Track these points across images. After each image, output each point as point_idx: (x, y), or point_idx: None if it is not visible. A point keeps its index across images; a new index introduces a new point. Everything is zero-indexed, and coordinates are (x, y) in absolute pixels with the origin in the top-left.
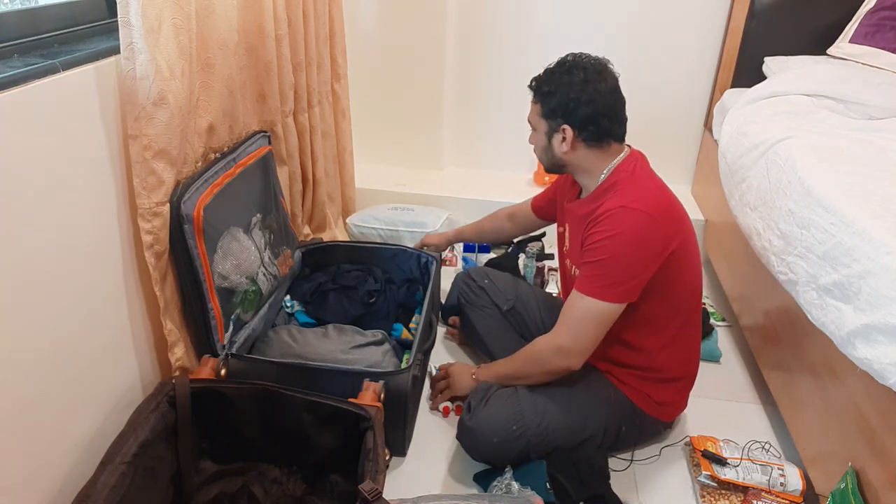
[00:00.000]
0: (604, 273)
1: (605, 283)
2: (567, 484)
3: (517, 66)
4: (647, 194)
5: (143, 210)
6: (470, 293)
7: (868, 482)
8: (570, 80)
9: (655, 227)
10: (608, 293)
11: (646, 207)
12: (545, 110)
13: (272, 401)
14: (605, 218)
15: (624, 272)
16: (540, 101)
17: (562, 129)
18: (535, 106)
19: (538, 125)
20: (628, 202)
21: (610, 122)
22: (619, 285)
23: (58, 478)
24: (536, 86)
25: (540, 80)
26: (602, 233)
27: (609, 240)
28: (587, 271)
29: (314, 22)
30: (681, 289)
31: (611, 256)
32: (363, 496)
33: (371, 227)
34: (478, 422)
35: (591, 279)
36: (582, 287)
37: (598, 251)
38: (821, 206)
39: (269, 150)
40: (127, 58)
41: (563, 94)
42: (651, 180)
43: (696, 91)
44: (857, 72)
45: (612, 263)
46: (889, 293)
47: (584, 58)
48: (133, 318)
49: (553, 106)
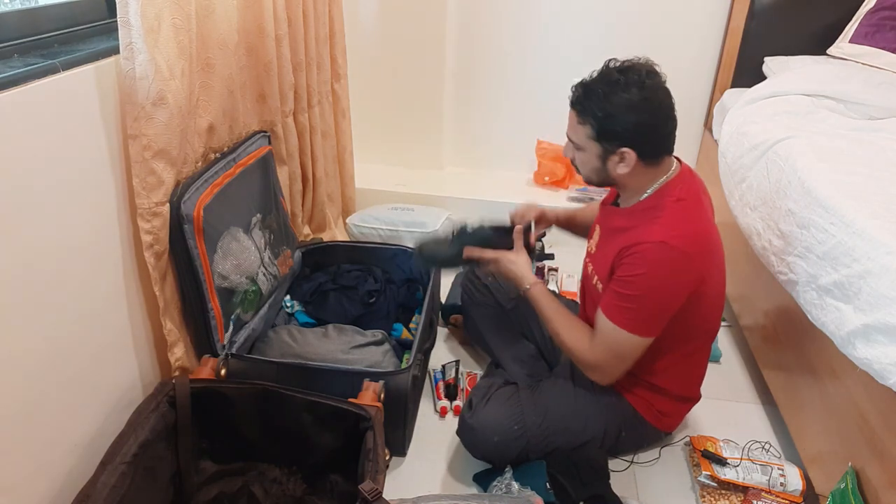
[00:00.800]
0: (638, 307)
1: (640, 318)
2: (567, 484)
3: (517, 66)
4: (688, 229)
5: (142, 210)
6: (474, 291)
7: (868, 482)
8: (628, 100)
9: (692, 266)
10: (642, 328)
11: (686, 246)
12: (599, 133)
13: (272, 401)
14: (644, 252)
15: (658, 309)
16: (592, 123)
17: (620, 152)
18: (581, 126)
19: (587, 146)
20: (669, 238)
21: (669, 136)
22: (648, 321)
23: (58, 478)
24: (585, 106)
25: (590, 99)
26: (639, 266)
27: (642, 277)
28: (618, 301)
29: (314, 22)
30: (700, 318)
31: (643, 294)
32: (363, 496)
33: (371, 227)
34: (479, 420)
35: (626, 311)
36: (614, 316)
37: (635, 286)
38: (821, 206)
39: (269, 150)
40: (126, 58)
41: (623, 117)
42: (696, 210)
43: (696, 91)
44: (857, 72)
45: (648, 301)
46: (889, 293)
47: (633, 67)
48: (133, 317)
49: (610, 129)
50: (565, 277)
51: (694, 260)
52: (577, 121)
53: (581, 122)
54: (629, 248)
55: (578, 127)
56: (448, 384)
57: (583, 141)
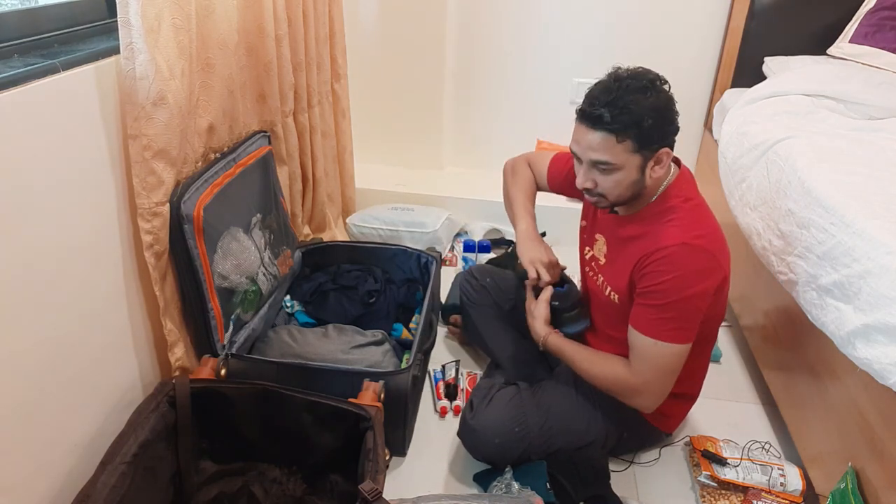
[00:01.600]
0: (673, 315)
1: (676, 326)
2: (567, 484)
3: (517, 66)
4: (707, 227)
5: (142, 210)
6: (472, 292)
7: (868, 482)
8: (655, 101)
9: (717, 263)
10: (681, 335)
11: (707, 245)
12: (640, 143)
13: (272, 401)
14: (667, 257)
15: (693, 312)
16: (633, 136)
17: (657, 155)
18: (620, 145)
19: (627, 163)
20: (689, 238)
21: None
22: (689, 326)
23: (58, 478)
24: (623, 121)
25: (625, 115)
26: (665, 273)
27: (674, 281)
28: (655, 314)
29: (314, 22)
30: (711, 318)
31: (680, 299)
32: (363, 496)
33: (371, 227)
34: (480, 421)
35: (661, 322)
36: (651, 331)
37: (665, 293)
38: (821, 206)
39: (269, 150)
40: (127, 58)
41: (658, 119)
42: (706, 210)
43: (696, 91)
44: (857, 72)
45: (682, 305)
46: (889, 293)
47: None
48: (133, 317)
49: (649, 135)
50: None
51: (717, 258)
52: (614, 141)
53: (620, 140)
54: (649, 257)
55: (617, 147)
56: (448, 384)
57: (622, 159)
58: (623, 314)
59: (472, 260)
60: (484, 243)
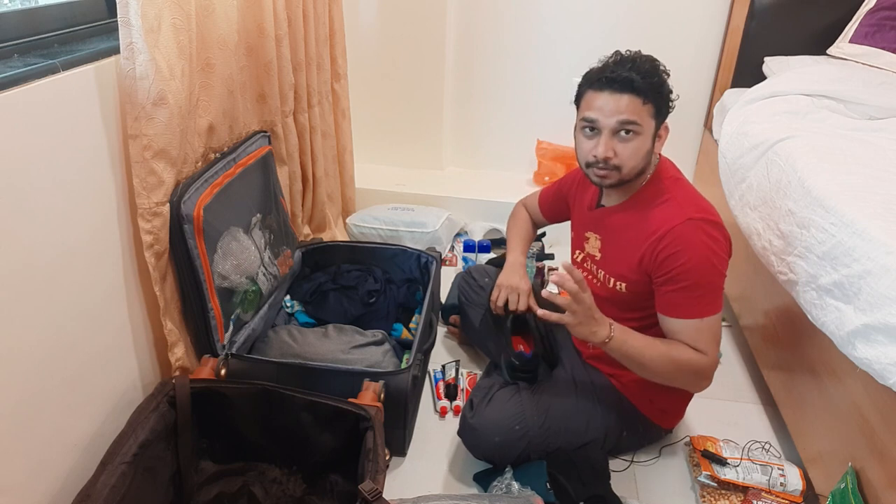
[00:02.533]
0: (705, 292)
1: (711, 298)
2: (567, 484)
3: (517, 66)
4: (701, 201)
5: (142, 210)
6: (470, 292)
7: (868, 482)
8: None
9: (722, 231)
10: (717, 305)
11: (709, 216)
12: (658, 109)
13: (272, 401)
14: (679, 236)
15: (718, 281)
16: (654, 100)
17: (664, 126)
18: (644, 106)
19: (647, 127)
20: (691, 213)
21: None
22: (719, 294)
23: (58, 478)
24: (648, 85)
25: (650, 78)
26: (682, 254)
27: (694, 259)
28: (690, 294)
29: (314, 22)
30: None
31: (704, 274)
32: (363, 496)
33: (371, 227)
34: (480, 420)
35: (700, 299)
36: (697, 311)
37: (689, 273)
38: (821, 206)
39: (269, 150)
40: (127, 58)
41: (668, 91)
42: (694, 188)
43: (696, 91)
44: (857, 72)
45: (707, 279)
46: (889, 293)
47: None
48: (133, 317)
49: (665, 104)
50: None
51: (720, 225)
52: (640, 103)
53: (645, 103)
54: (660, 241)
55: (643, 109)
56: (448, 384)
57: (646, 122)
58: (633, 301)
59: (472, 260)
60: (484, 243)
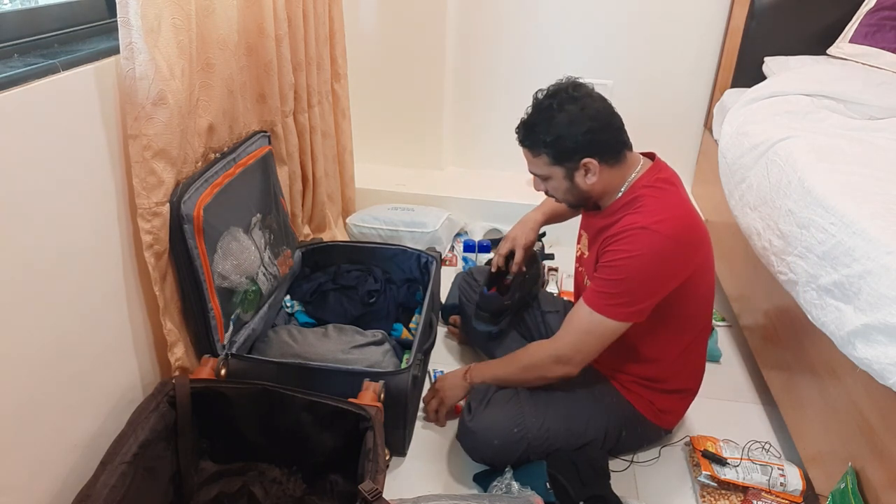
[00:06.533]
0: (616, 292)
1: (616, 303)
2: (567, 484)
3: (517, 66)
4: (671, 214)
5: (142, 210)
6: (471, 292)
7: (868, 482)
8: (567, 116)
9: (677, 251)
10: (618, 312)
11: (669, 231)
12: (555, 157)
13: (272, 401)
14: (626, 237)
15: (636, 294)
16: (544, 151)
17: (583, 164)
18: (537, 159)
19: (551, 173)
20: (651, 223)
21: (619, 133)
22: (629, 306)
23: (58, 478)
24: (532, 140)
25: (534, 132)
26: (621, 252)
27: (627, 260)
28: (599, 287)
29: (314, 22)
30: (693, 309)
31: (626, 277)
32: (363, 496)
33: (371, 227)
34: (479, 423)
35: (602, 296)
36: (591, 301)
37: (614, 270)
38: (821, 206)
39: (269, 150)
40: (126, 58)
41: (570, 133)
42: (675, 197)
43: (696, 91)
44: (857, 72)
45: (626, 284)
46: (889, 293)
47: (560, 88)
48: (133, 317)
49: (564, 148)
50: (565, 277)
51: (679, 245)
52: (531, 156)
53: (536, 155)
54: (613, 237)
55: (536, 160)
56: None
57: (545, 170)
58: None
59: (472, 260)
60: (484, 243)
